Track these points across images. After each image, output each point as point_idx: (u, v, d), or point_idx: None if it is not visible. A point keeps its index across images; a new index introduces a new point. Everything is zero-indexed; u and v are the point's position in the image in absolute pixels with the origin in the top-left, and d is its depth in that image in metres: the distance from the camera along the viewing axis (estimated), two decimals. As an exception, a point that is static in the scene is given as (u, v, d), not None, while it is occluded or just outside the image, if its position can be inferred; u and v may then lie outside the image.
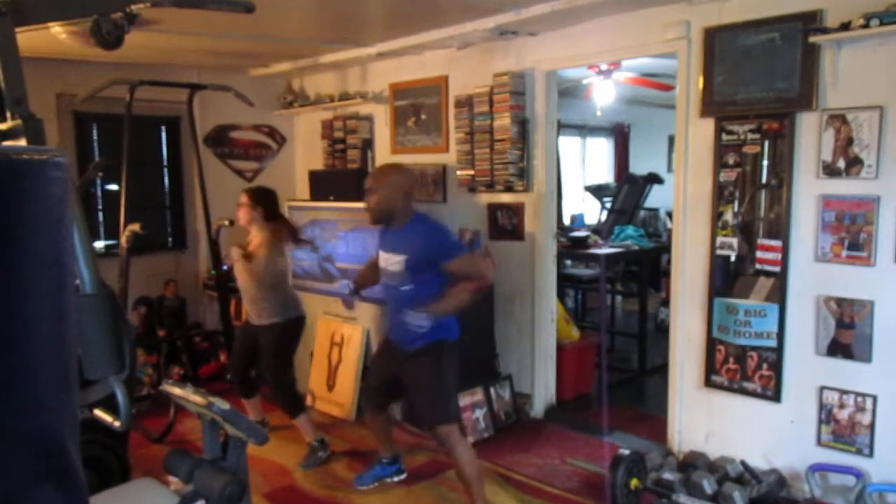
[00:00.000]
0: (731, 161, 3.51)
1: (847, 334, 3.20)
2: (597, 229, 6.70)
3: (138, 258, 4.73)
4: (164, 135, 5.99)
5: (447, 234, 3.26)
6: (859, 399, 3.18)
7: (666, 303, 5.76)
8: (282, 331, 3.94)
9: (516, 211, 4.57)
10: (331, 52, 5.23)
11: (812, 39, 3.11)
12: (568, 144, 8.62)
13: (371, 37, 4.81)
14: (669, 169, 8.01)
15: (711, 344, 3.66)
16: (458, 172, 4.81)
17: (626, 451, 3.33)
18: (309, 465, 3.91)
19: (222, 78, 5.43)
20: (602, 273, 6.03)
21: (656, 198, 7.90)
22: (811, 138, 3.24)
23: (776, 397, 3.44)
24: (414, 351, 3.16)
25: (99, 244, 5.53)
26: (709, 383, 3.69)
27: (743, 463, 3.41)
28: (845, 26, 3.00)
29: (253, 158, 6.28)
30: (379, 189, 3.19)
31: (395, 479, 3.71)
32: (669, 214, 7.03)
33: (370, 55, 5.05)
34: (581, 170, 9.00)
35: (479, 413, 4.28)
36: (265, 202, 3.97)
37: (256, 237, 3.96)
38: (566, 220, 7.69)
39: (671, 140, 6.72)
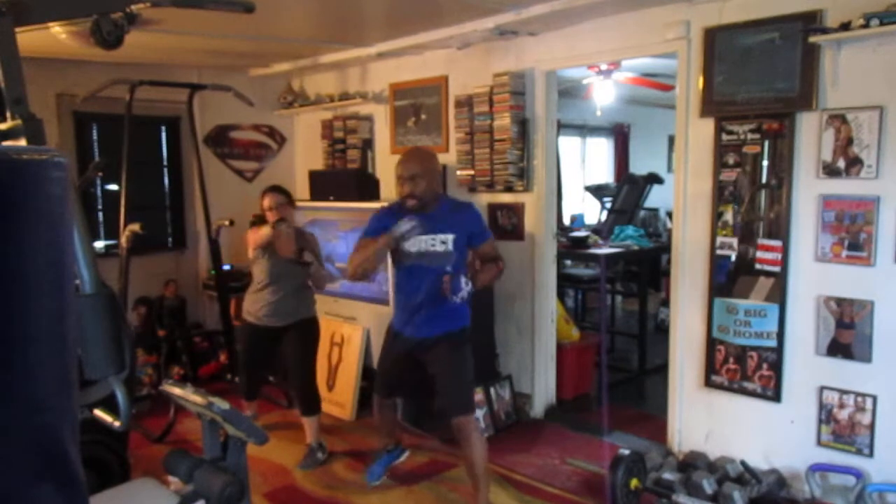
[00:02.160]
0: (731, 161, 3.51)
1: (847, 334, 3.20)
2: (597, 229, 6.70)
3: (138, 258, 4.72)
4: (164, 135, 5.99)
5: (480, 215, 3.38)
6: (859, 399, 3.18)
7: (666, 303, 5.76)
8: (312, 326, 3.96)
9: (516, 211, 4.57)
10: (331, 52, 5.23)
11: (812, 39, 3.11)
12: (568, 144, 8.62)
13: (371, 37, 4.81)
14: (669, 169, 8.02)
15: (711, 344, 3.66)
16: (458, 172, 4.81)
17: (626, 451, 3.33)
18: (307, 465, 3.91)
19: (222, 78, 5.43)
20: (602, 273, 6.03)
21: (656, 198, 7.90)
22: (811, 138, 3.24)
23: (776, 397, 3.44)
24: (439, 337, 3.19)
25: (99, 244, 5.53)
26: (709, 383, 3.69)
27: (743, 463, 3.41)
28: (845, 26, 3.00)
29: (253, 158, 6.28)
30: (425, 175, 3.16)
31: (402, 458, 3.75)
32: (669, 214, 7.03)
33: (370, 55, 5.05)
34: (581, 170, 9.00)
35: (479, 413, 4.28)
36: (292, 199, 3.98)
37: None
38: (566, 220, 7.69)
39: (671, 140, 6.72)
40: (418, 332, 3.24)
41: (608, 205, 7.92)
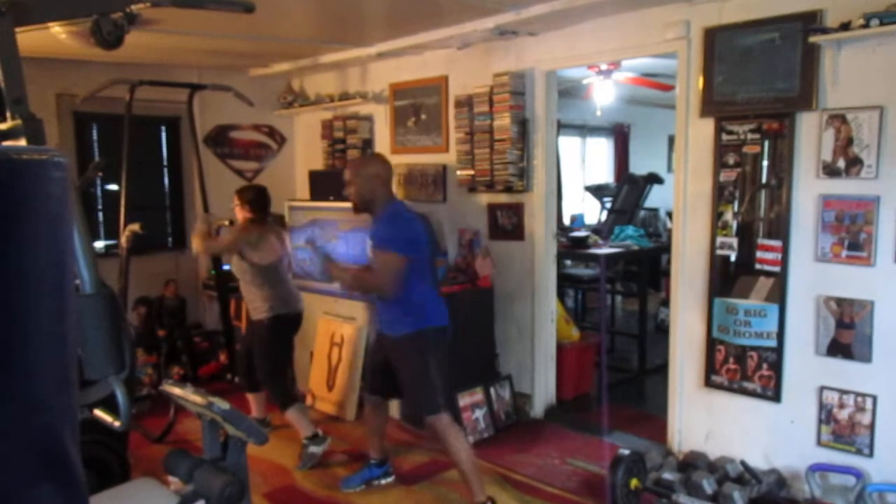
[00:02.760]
0: (731, 161, 3.51)
1: (847, 334, 3.20)
2: (597, 229, 6.70)
3: (138, 258, 4.72)
4: (164, 135, 6.00)
5: (392, 227, 3.24)
6: (859, 399, 3.18)
7: (666, 303, 5.76)
8: (267, 328, 3.97)
9: (516, 211, 4.57)
10: (331, 52, 5.23)
11: (812, 39, 3.11)
12: (568, 144, 8.62)
13: (371, 37, 4.81)
14: (669, 169, 8.01)
15: (711, 344, 3.65)
16: (458, 172, 4.80)
17: (626, 451, 3.33)
18: (305, 465, 3.90)
19: (222, 78, 5.43)
20: (602, 273, 6.03)
21: (656, 198, 7.90)
22: (811, 138, 3.24)
23: (776, 397, 3.44)
24: (397, 338, 3.27)
25: (99, 244, 5.54)
26: (709, 383, 3.69)
27: (743, 463, 3.41)
28: (845, 26, 3.00)
29: (253, 158, 6.29)
30: (355, 180, 3.31)
31: (383, 481, 3.69)
32: (669, 214, 7.03)
33: (370, 55, 5.05)
34: (581, 170, 9.00)
35: (479, 413, 4.28)
36: (251, 199, 4.05)
37: None
38: (566, 220, 7.69)
39: (671, 140, 6.72)
40: (383, 329, 3.40)
41: (608, 205, 7.92)
